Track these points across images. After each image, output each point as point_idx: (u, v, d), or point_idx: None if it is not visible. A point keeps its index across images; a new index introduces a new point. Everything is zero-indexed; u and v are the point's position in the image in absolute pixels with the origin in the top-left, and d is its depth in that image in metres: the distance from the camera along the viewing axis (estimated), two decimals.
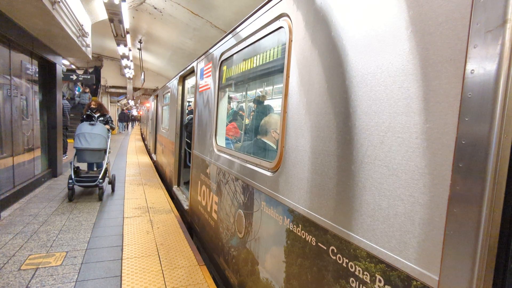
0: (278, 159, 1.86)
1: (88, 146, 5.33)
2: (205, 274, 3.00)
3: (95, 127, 5.52)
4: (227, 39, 2.96)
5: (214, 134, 3.25)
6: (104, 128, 5.70)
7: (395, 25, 1.11)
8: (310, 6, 1.61)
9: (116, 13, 6.84)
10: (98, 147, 5.42)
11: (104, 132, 5.62)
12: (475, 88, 0.85)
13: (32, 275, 2.82)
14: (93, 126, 5.51)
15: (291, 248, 1.72)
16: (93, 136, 5.42)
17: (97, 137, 5.44)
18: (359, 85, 1.26)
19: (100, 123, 5.72)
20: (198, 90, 4.09)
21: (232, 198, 2.64)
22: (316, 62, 1.54)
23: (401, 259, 1.04)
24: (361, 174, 1.23)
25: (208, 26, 8.44)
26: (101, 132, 5.56)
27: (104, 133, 5.60)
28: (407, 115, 1.05)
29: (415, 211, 1.00)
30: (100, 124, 5.72)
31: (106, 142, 5.58)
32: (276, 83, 4.16)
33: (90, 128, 5.47)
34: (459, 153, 0.88)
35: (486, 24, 0.82)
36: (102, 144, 5.48)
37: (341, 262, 1.32)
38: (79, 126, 5.53)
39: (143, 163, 9.88)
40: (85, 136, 5.36)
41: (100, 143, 5.45)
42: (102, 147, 5.48)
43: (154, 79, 19.53)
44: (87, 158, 5.46)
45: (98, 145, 5.43)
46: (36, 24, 5.00)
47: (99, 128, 5.58)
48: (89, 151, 5.39)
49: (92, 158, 5.52)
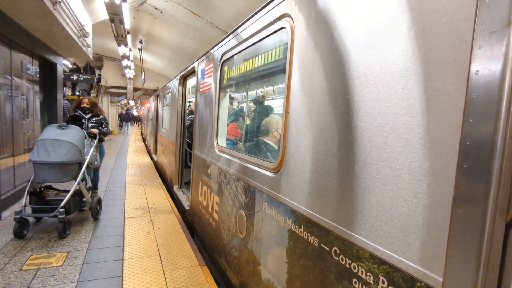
0: (280, 160, 1.86)
1: (47, 158, 3.66)
2: (206, 275, 3.00)
3: (65, 131, 3.98)
4: (228, 39, 2.96)
5: (215, 135, 3.24)
6: (79, 133, 4.11)
7: (398, 25, 1.11)
8: (312, 7, 1.61)
9: (117, 14, 6.84)
10: (64, 160, 3.75)
11: (77, 139, 3.99)
12: (480, 89, 0.84)
13: (33, 276, 2.82)
14: (63, 130, 4.00)
15: (293, 248, 1.72)
16: (59, 144, 3.79)
17: (64, 146, 3.80)
18: (362, 85, 1.26)
19: (76, 127, 4.16)
20: (199, 91, 4.09)
21: (233, 198, 2.64)
22: (319, 62, 1.53)
23: (405, 260, 1.03)
24: (364, 175, 1.22)
25: (208, 26, 8.44)
26: (73, 138, 3.93)
27: (77, 140, 3.97)
28: (410, 115, 1.04)
29: (419, 212, 1.00)
30: (75, 128, 4.14)
31: (79, 153, 3.95)
32: (278, 84, 4.16)
33: (58, 133, 3.90)
34: (464, 154, 0.88)
35: (491, 24, 0.82)
36: (71, 156, 3.82)
37: (344, 263, 1.31)
38: (44, 129, 4.04)
39: (143, 163, 9.88)
40: (46, 144, 3.73)
41: (68, 154, 3.79)
42: (71, 159, 3.82)
43: (154, 79, 19.53)
44: (47, 176, 3.75)
45: (64, 157, 3.75)
46: (37, 24, 5.00)
47: (72, 133, 4.01)
48: (49, 166, 3.70)
49: (55, 176, 3.78)
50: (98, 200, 4.54)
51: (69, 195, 3.82)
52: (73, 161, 3.86)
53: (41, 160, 3.68)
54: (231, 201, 2.70)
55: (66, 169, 3.85)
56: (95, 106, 5.05)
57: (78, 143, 3.97)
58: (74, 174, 3.96)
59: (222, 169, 2.97)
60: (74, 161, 3.87)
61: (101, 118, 5.01)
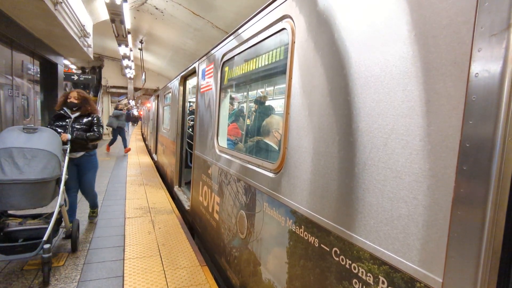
0: (281, 160, 1.87)
1: (18, 176, 2.56)
2: (207, 275, 3.00)
3: (36, 135, 2.84)
4: (229, 40, 2.96)
5: (216, 135, 3.25)
6: (55, 137, 3.00)
7: (399, 27, 1.11)
8: (313, 8, 1.61)
9: (118, 14, 6.85)
10: (44, 177, 2.66)
11: (55, 146, 2.90)
12: (479, 91, 0.85)
13: (34, 276, 2.83)
14: (32, 134, 2.84)
15: (293, 249, 1.72)
16: (33, 154, 2.69)
17: (41, 157, 2.71)
18: (362, 87, 1.26)
19: (48, 130, 3.04)
20: (200, 91, 4.10)
21: (234, 198, 2.65)
22: (319, 64, 1.54)
23: (405, 261, 1.04)
24: (364, 176, 1.23)
25: (209, 26, 8.45)
26: (49, 145, 2.84)
27: (55, 148, 2.89)
28: (410, 117, 1.05)
29: (418, 213, 1.01)
30: (48, 131, 3.00)
31: (59, 166, 2.87)
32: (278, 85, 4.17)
33: (26, 139, 2.78)
34: (463, 156, 0.89)
35: (490, 27, 0.83)
36: (52, 170, 2.75)
37: (344, 263, 1.32)
38: (2, 134, 2.81)
39: (144, 163, 9.89)
40: (13, 155, 2.62)
41: (48, 168, 2.71)
42: (52, 175, 2.74)
43: (155, 79, 19.55)
44: (19, 200, 2.60)
45: (44, 173, 2.67)
46: (38, 24, 5.02)
47: (46, 138, 2.88)
48: (22, 187, 2.58)
49: (30, 201, 2.65)
50: (75, 224, 3.41)
51: (52, 222, 2.73)
52: (54, 177, 2.79)
53: (9, 178, 2.52)
54: (231, 201, 2.70)
55: (44, 189, 2.70)
56: (86, 102, 3.80)
57: (57, 151, 2.88)
58: (52, 195, 2.86)
59: (222, 169, 2.97)
60: (54, 177, 2.79)
61: (92, 119, 3.78)
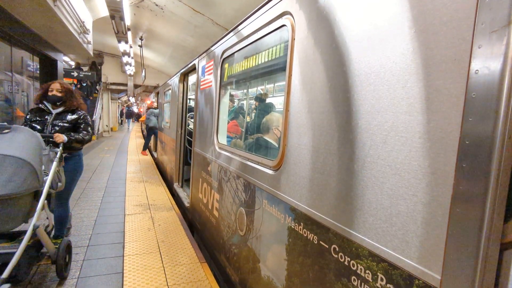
0: (280, 157, 1.87)
1: None
2: (206, 272, 3.01)
3: (7, 136, 2.26)
4: (229, 37, 2.95)
5: (216, 132, 3.25)
6: (32, 139, 2.36)
7: (399, 24, 1.11)
8: (313, 5, 1.60)
9: (117, 10, 6.82)
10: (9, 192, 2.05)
11: (29, 150, 2.27)
12: (479, 89, 0.85)
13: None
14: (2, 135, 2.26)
15: (292, 246, 1.73)
16: None
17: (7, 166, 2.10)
18: (362, 84, 1.26)
19: (25, 129, 2.41)
20: (200, 88, 4.09)
21: (233, 196, 2.65)
22: (319, 60, 1.54)
23: (403, 258, 1.04)
24: (363, 173, 1.23)
25: (209, 23, 8.41)
26: (22, 150, 2.22)
27: (29, 153, 2.25)
28: (410, 114, 1.05)
29: (417, 210, 1.01)
30: (24, 130, 2.39)
31: (35, 176, 2.22)
32: (278, 81, 4.16)
33: None
34: (463, 153, 0.88)
35: (491, 24, 0.82)
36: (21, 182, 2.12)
37: (343, 260, 1.32)
38: None
39: (143, 160, 9.89)
40: None
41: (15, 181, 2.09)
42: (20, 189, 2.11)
43: (155, 76, 19.50)
44: None
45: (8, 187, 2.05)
46: (37, 20, 4.99)
47: (19, 140, 2.28)
48: None
49: None
50: (66, 246, 2.75)
51: (18, 253, 2.07)
52: (24, 192, 2.14)
53: None
54: (231, 198, 2.71)
55: (11, 206, 2.11)
56: (71, 96, 3.14)
57: (32, 158, 2.23)
58: (26, 214, 2.26)
59: (222, 166, 2.97)
60: (25, 191, 2.14)
61: (78, 116, 3.11)
